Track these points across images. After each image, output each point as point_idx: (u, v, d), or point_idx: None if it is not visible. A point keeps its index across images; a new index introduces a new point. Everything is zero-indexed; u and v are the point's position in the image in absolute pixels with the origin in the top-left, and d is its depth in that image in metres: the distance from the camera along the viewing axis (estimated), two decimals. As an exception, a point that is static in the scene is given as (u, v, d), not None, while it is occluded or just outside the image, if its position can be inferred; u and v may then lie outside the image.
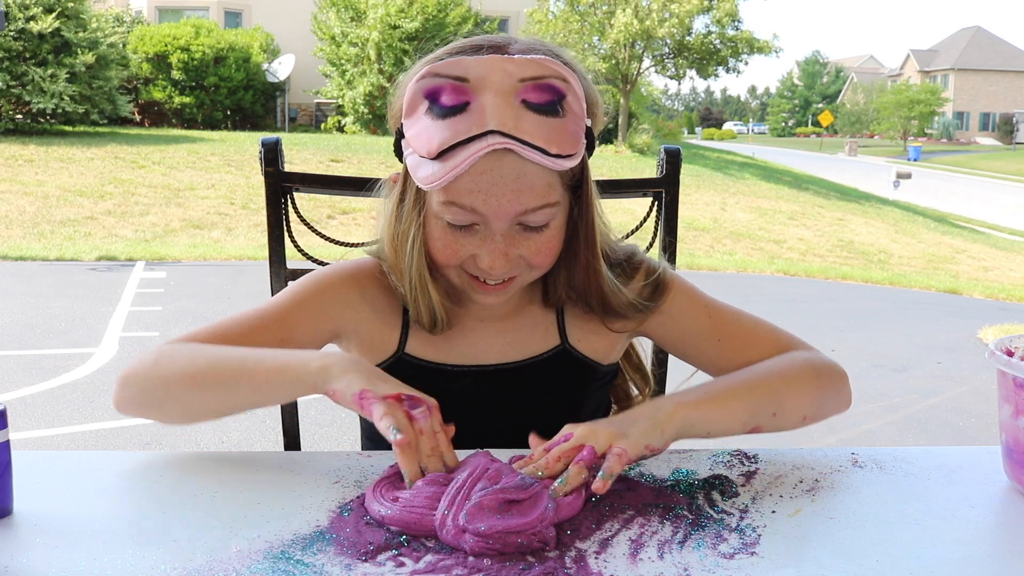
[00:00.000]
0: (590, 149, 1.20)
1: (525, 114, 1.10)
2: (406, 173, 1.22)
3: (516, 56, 1.14)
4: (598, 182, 1.40)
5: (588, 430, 1.08)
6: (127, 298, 7.87)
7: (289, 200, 1.53)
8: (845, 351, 6.92)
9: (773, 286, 10.20)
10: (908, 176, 30.11)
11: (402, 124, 1.18)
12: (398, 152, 1.21)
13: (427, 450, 1.04)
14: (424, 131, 1.13)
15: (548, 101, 1.11)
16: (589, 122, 1.18)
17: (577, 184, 1.21)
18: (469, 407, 1.26)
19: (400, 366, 1.31)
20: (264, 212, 1.52)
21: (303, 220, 1.54)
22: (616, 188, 1.56)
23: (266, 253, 1.56)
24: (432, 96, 1.13)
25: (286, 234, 1.53)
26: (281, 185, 1.51)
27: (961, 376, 6.33)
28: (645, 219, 1.60)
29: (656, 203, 1.62)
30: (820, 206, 18.70)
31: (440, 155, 1.11)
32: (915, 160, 45.95)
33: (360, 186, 1.53)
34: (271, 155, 1.50)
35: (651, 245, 1.60)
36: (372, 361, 1.33)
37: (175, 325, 6.91)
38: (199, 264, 9.74)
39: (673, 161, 1.59)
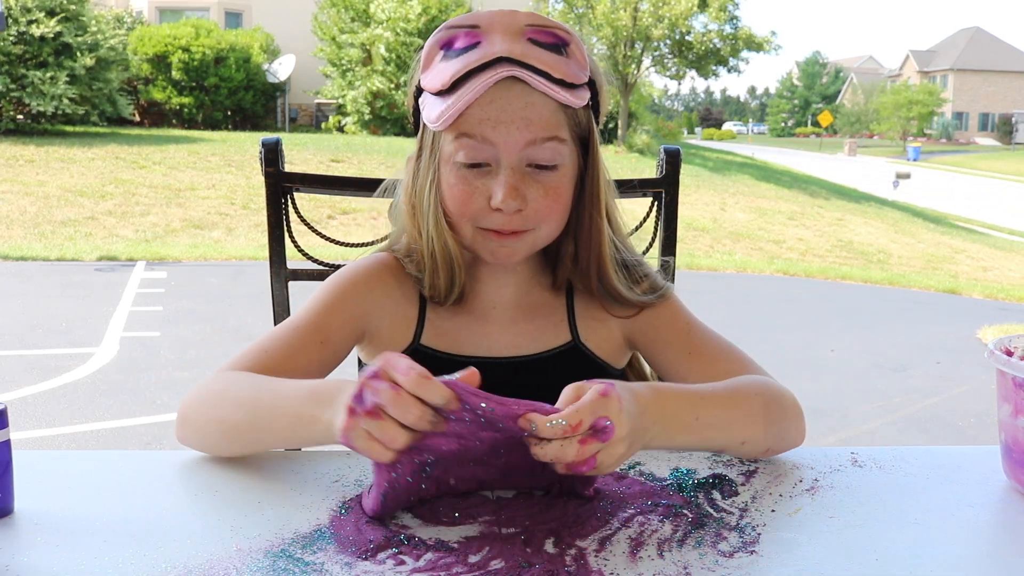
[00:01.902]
0: (596, 111, 1.27)
1: (532, 47, 1.19)
2: (421, 140, 1.29)
3: (524, 12, 1.24)
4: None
5: (627, 431, 0.99)
6: (128, 298, 7.88)
7: (289, 200, 1.53)
8: (845, 351, 6.93)
9: (773, 286, 10.20)
10: (907, 176, 30.13)
11: (419, 80, 1.26)
12: (415, 114, 1.29)
13: (404, 419, 0.93)
14: (438, 73, 1.21)
15: (553, 42, 1.21)
16: (592, 78, 1.25)
17: (585, 140, 1.26)
18: None
19: (415, 357, 1.31)
20: (265, 212, 1.53)
21: (303, 220, 1.54)
22: (616, 188, 1.56)
23: (267, 253, 1.56)
24: (447, 44, 1.23)
25: (286, 234, 1.53)
26: (281, 185, 1.51)
27: (960, 376, 6.33)
28: (645, 219, 1.60)
29: (656, 203, 1.62)
30: (819, 206, 18.71)
31: (453, 86, 1.19)
32: (914, 160, 45.97)
33: (360, 186, 1.53)
34: (271, 155, 1.50)
35: (651, 245, 1.60)
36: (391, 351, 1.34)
37: (176, 325, 6.92)
38: (200, 264, 9.74)
39: (673, 161, 1.59)
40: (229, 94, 22.71)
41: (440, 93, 1.20)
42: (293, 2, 25.68)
